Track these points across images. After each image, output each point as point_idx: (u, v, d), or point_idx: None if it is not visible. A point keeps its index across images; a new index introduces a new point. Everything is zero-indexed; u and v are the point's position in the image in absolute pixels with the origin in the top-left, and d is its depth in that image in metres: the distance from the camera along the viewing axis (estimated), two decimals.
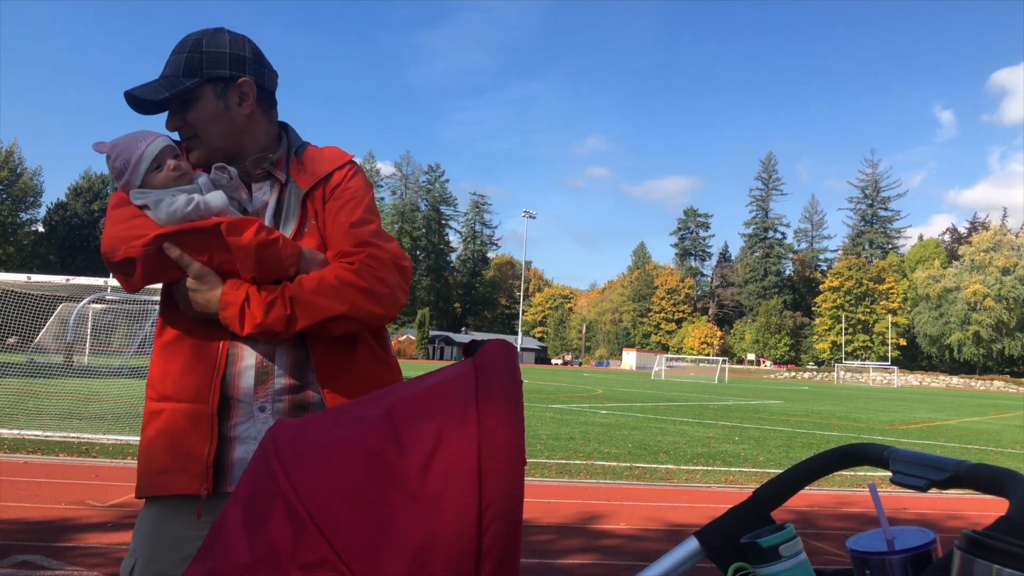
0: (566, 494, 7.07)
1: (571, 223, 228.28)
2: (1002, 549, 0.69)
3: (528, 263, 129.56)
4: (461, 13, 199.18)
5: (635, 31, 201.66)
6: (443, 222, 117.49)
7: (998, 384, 78.56)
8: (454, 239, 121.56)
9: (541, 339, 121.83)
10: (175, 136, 1.74)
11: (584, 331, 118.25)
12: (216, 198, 1.63)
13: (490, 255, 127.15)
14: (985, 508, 7.10)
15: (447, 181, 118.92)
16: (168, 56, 1.70)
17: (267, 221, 1.73)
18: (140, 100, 1.64)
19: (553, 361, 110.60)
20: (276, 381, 1.64)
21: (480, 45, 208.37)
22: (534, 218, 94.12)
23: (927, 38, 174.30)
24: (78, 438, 9.04)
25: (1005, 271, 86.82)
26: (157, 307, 1.99)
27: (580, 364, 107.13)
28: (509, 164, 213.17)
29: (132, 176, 1.64)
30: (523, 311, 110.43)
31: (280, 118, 1.86)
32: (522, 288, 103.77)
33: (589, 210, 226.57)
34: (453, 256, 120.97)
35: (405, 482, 0.85)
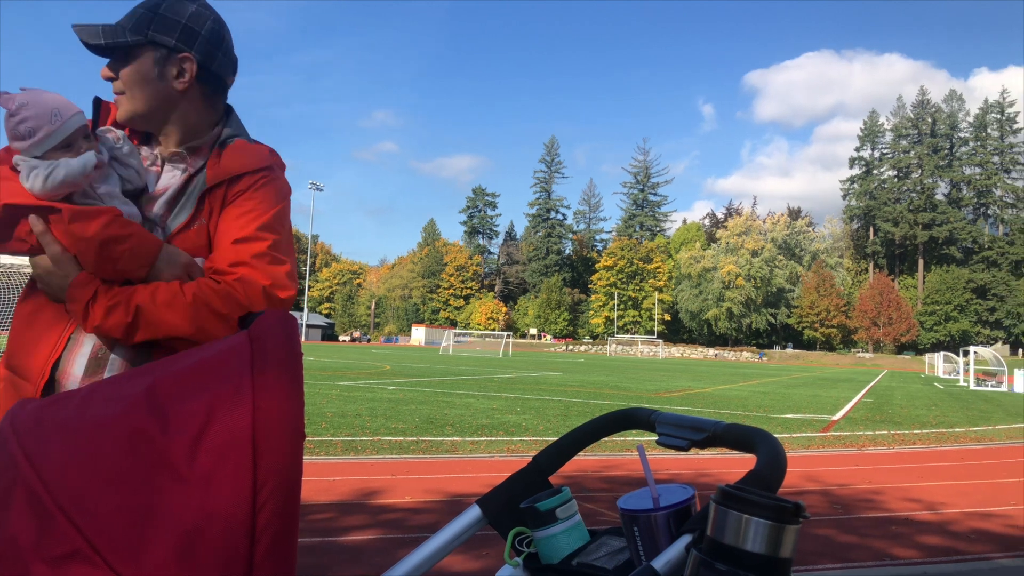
0: (350, 471, 6.99)
1: (360, 197, 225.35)
2: (751, 500, 0.76)
3: (315, 237, 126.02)
4: None
5: (427, 8, 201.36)
6: None
7: (746, 355, 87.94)
8: None
9: (328, 316, 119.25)
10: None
11: (373, 307, 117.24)
12: (79, 161, 1.47)
13: None
14: (729, 466, 7.91)
15: None
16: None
17: (159, 206, 1.59)
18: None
19: (341, 338, 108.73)
20: (107, 375, 1.50)
21: (264, 5, 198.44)
22: (321, 190, 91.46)
23: (692, 35, 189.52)
24: None
25: (754, 253, 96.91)
26: None
27: (369, 340, 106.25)
28: (295, 133, 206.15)
29: (34, 147, 1.48)
30: (309, 287, 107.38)
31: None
32: (308, 263, 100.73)
33: (379, 185, 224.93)
34: None
35: (172, 462, 0.79)
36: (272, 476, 0.78)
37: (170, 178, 1.64)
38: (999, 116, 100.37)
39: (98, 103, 1.71)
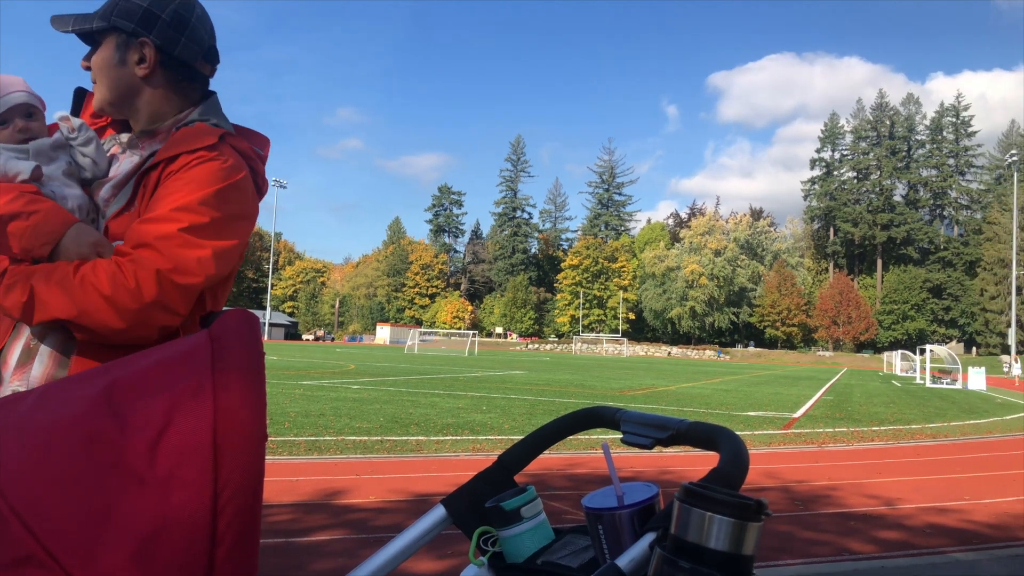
0: (314, 471, 6.94)
1: (325, 195, 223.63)
2: (714, 498, 0.76)
3: (278, 235, 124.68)
4: None
5: (393, 5, 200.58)
6: None
7: (709, 353, 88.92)
8: None
9: (291, 314, 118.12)
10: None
11: (337, 306, 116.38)
12: (15, 166, 1.48)
13: None
14: (692, 464, 7.99)
15: None
16: None
17: (105, 190, 1.57)
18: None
19: (304, 337, 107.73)
20: (34, 367, 1.47)
21: (229, 2, 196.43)
22: (285, 188, 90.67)
23: (657, 37, 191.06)
24: None
25: (717, 253, 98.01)
26: None
27: (333, 339, 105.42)
28: (259, 129, 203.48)
29: None
30: (272, 285, 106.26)
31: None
32: (271, 261, 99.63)
33: (343, 182, 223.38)
34: None
35: (130, 464, 0.77)
36: (234, 478, 0.77)
37: (129, 163, 1.62)
38: (954, 120, 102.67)
39: (81, 93, 1.70)
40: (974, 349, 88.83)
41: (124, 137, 1.65)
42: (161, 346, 0.91)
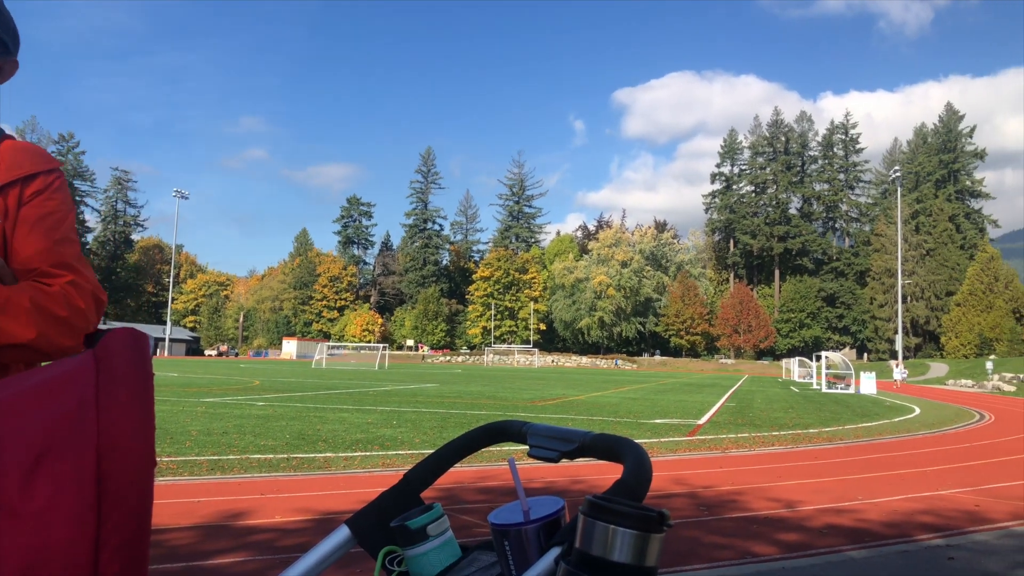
0: (216, 491, 6.69)
1: (228, 206, 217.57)
2: (617, 511, 0.77)
3: (179, 247, 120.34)
4: None
5: (298, 12, 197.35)
6: (77, 199, 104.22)
7: (617, 362, 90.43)
8: (91, 218, 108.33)
9: (194, 329, 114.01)
10: None
11: (242, 320, 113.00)
12: None
13: (135, 237, 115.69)
14: (603, 472, 8.10)
15: (82, 153, 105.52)
16: None
17: None
18: None
19: (207, 352, 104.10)
20: None
21: (120, 4, 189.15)
22: (186, 199, 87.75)
23: (564, 53, 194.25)
24: None
25: (624, 264, 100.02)
26: None
27: (237, 355, 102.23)
28: (158, 139, 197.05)
29: None
30: (173, 299, 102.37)
31: None
32: (172, 274, 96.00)
33: (248, 193, 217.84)
34: (90, 237, 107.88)
35: (1, 495, 0.72)
36: (118, 507, 0.73)
37: None
38: (844, 137, 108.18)
39: None
40: (865, 355, 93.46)
41: None
42: (41, 368, 0.86)
